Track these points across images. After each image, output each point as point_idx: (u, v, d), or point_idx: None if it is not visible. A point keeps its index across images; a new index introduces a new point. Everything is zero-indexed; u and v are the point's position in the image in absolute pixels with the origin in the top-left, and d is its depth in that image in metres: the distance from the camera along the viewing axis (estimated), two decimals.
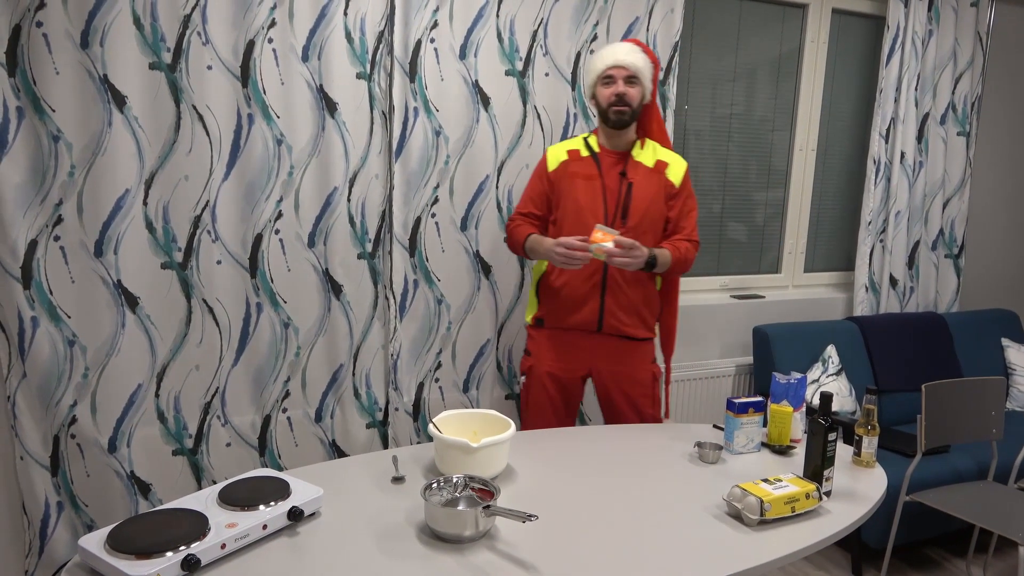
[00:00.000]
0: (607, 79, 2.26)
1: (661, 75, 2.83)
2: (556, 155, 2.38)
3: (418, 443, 2.56)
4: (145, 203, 2.21)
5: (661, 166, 2.34)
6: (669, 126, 2.87)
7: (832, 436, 1.75)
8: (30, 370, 2.12)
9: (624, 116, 2.26)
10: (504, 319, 2.76)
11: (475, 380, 2.75)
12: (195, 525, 1.41)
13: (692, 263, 2.37)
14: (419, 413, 2.67)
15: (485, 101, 2.58)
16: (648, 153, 2.35)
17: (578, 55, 2.70)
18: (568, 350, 2.38)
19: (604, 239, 2.12)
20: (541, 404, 2.40)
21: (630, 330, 2.34)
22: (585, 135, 2.40)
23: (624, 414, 2.41)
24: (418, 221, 2.56)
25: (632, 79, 2.25)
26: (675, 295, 2.50)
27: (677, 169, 2.36)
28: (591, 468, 1.87)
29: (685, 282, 3.28)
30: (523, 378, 2.45)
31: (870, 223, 3.38)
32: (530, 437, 2.07)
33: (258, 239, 2.36)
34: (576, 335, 2.36)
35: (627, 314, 2.33)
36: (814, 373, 3.07)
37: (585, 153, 2.34)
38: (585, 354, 2.37)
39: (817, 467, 1.75)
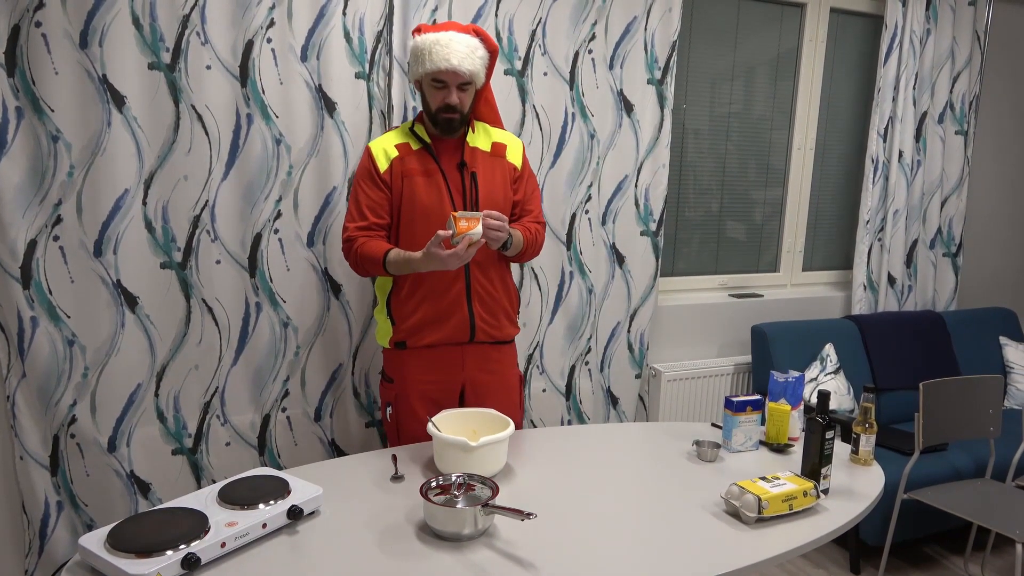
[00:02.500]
0: (438, 82, 2.00)
1: (660, 75, 2.84)
2: (384, 152, 2.09)
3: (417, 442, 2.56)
4: (144, 203, 2.21)
5: (499, 149, 2.14)
6: (667, 125, 2.88)
7: (830, 434, 1.75)
8: (30, 370, 2.12)
9: (454, 123, 2.04)
10: None
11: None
12: (195, 524, 1.42)
13: (542, 245, 2.25)
14: None
15: None
16: (481, 136, 2.14)
17: (576, 55, 2.70)
18: (440, 366, 2.12)
19: (471, 226, 1.87)
20: (416, 434, 2.13)
21: (498, 332, 2.15)
22: (408, 123, 2.15)
23: None
24: None
25: (465, 85, 2.02)
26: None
27: (515, 150, 2.17)
28: (589, 466, 1.88)
29: (683, 281, 3.28)
30: (389, 408, 2.16)
31: (868, 222, 3.38)
32: (529, 436, 2.07)
33: (257, 239, 2.36)
34: (445, 350, 2.11)
35: (494, 316, 2.14)
36: (812, 372, 3.07)
37: (416, 146, 2.09)
38: (457, 368, 2.13)
39: (815, 465, 1.76)
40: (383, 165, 2.08)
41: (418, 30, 2.08)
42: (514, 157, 2.17)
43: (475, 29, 2.05)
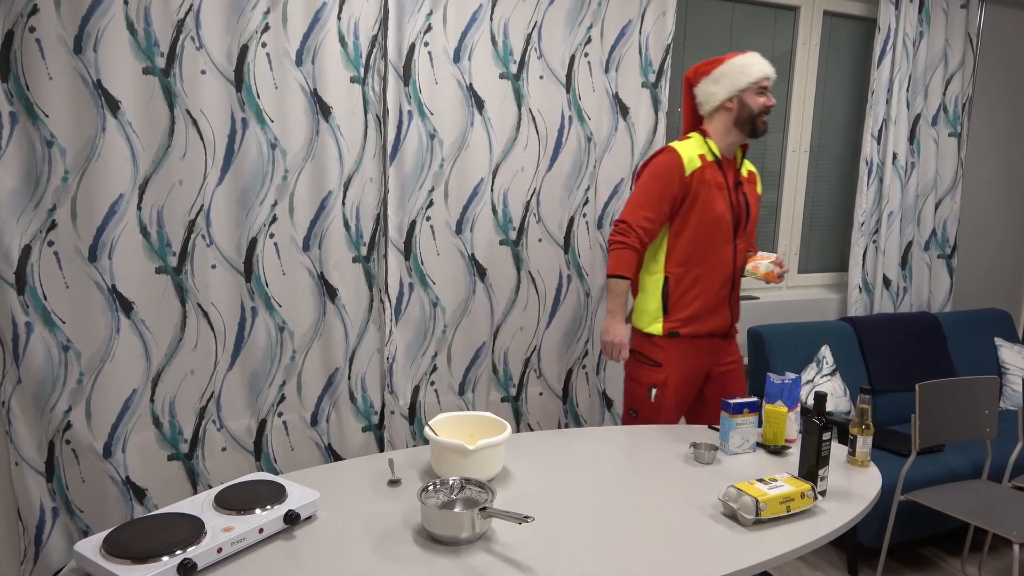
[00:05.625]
0: (763, 89, 2.31)
1: (654, 79, 2.85)
2: (690, 158, 2.31)
3: (414, 446, 2.55)
4: (139, 208, 2.21)
5: (753, 178, 2.48)
6: (660, 128, 2.88)
7: (827, 436, 1.75)
8: (24, 376, 2.11)
9: (767, 127, 2.36)
10: (500, 322, 2.77)
11: (470, 383, 2.75)
12: (191, 529, 1.41)
13: None
14: (415, 416, 2.68)
15: (479, 104, 2.59)
16: (744, 164, 2.46)
17: (572, 58, 2.71)
18: (700, 354, 2.41)
19: (768, 273, 2.34)
20: (675, 413, 2.41)
21: (733, 328, 2.50)
22: (699, 137, 2.38)
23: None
24: (413, 224, 2.56)
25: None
26: None
27: (758, 180, 2.51)
28: (587, 469, 1.88)
29: None
30: (654, 390, 2.38)
31: (863, 224, 3.39)
32: (526, 439, 2.07)
33: (253, 243, 2.36)
34: (707, 340, 2.41)
35: (738, 314, 2.49)
36: (808, 374, 3.08)
37: (712, 158, 2.35)
38: (707, 356, 2.43)
39: (812, 467, 1.76)
40: (689, 169, 2.30)
41: (710, 64, 2.36)
42: (760, 188, 2.51)
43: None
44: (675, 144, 2.34)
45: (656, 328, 2.37)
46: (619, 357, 2.35)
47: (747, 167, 2.47)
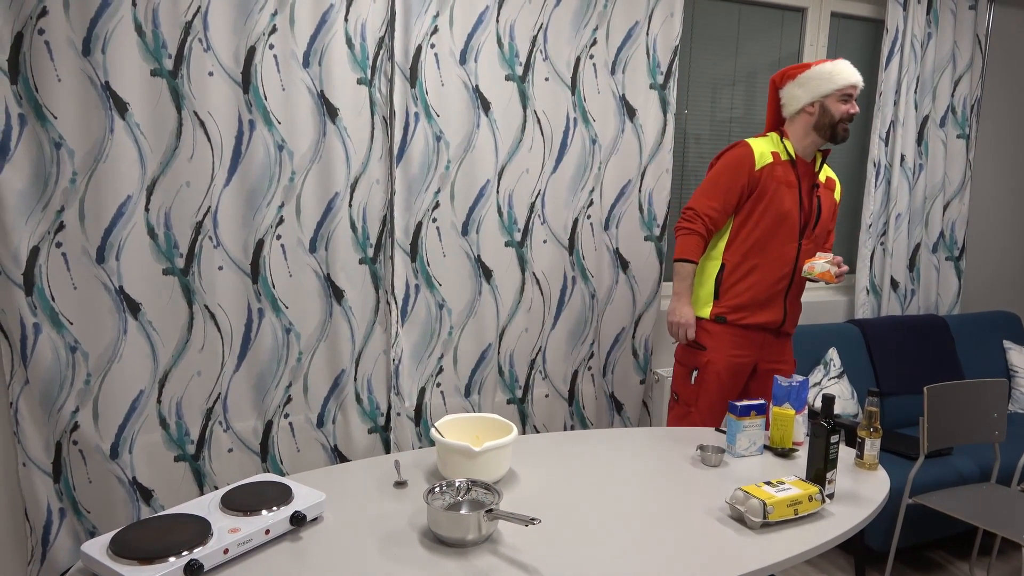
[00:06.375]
0: (847, 96, 2.35)
1: (662, 80, 2.84)
2: (762, 153, 2.39)
3: (420, 448, 2.55)
4: (147, 209, 2.22)
5: (831, 184, 2.51)
6: (669, 130, 2.88)
7: (834, 438, 1.74)
8: (32, 376, 2.12)
9: (848, 135, 2.40)
10: (506, 324, 2.76)
11: (476, 385, 2.75)
12: (198, 530, 1.41)
13: None
14: (421, 418, 2.68)
15: (485, 106, 2.59)
16: (823, 169, 2.51)
17: (578, 60, 2.71)
18: (747, 345, 2.45)
19: (824, 274, 2.31)
20: (715, 398, 2.44)
21: (791, 330, 2.53)
22: (776, 137, 2.45)
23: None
24: (419, 226, 2.56)
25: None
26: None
27: (838, 188, 2.55)
28: (593, 472, 1.87)
29: None
30: (696, 372, 2.46)
31: (871, 226, 3.38)
32: (532, 441, 2.07)
33: (259, 245, 2.37)
34: (755, 332, 2.45)
35: (795, 316, 2.51)
36: (816, 376, 3.07)
37: (785, 158, 2.41)
38: (755, 348, 2.47)
39: (820, 470, 1.75)
40: (759, 163, 2.38)
41: (797, 68, 2.41)
42: (838, 195, 2.53)
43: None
44: (750, 139, 2.43)
45: (705, 312, 2.45)
46: (685, 337, 2.44)
47: (826, 172, 2.51)
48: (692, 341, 2.46)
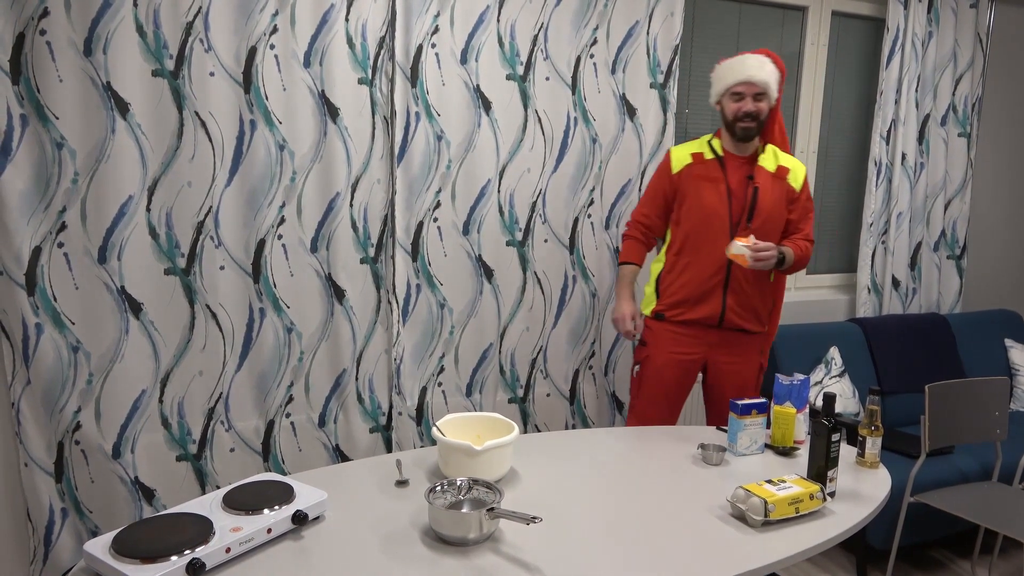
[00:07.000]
0: (736, 95, 2.33)
1: (663, 79, 2.84)
2: (680, 157, 2.46)
3: (421, 447, 2.56)
4: (148, 209, 2.22)
5: (783, 172, 2.43)
6: (669, 129, 2.88)
7: (836, 437, 1.75)
8: (34, 376, 2.12)
9: (751, 131, 2.35)
10: (507, 323, 2.76)
11: (478, 384, 2.75)
12: (200, 529, 1.41)
13: (808, 260, 2.49)
14: (422, 417, 2.68)
15: (486, 105, 2.59)
16: (770, 158, 2.43)
17: (578, 59, 2.71)
18: (686, 341, 2.46)
19: (738, 251, 2.26)
20: (656, 392, 2.49)
21: (746, 324, 2.46)
22: (708, 137, 2.47)
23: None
24: (420, 225, 2.57)
25: (760, 95, 2.32)
26: (782, 289, 2.60)
27: (797, 175, 2.45)
28: (595, 470, 1.87)
29: None
30: (637, 367, 2.54)
31: (872, 225, 3.38)
32: (533, 440, 2.07)
33: (261, 244, 2.37)
34: (695, 328, 2.46)
35: (745, 310, 2.44)
36: (817, 375, 3.07)
37: (709, 156, 2.43)
38: (702, 345, 2.47)
39: (821, 468, 1.75)
40: (676, 167, 2.45)
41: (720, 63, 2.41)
42: (795, 181, 2.44)
43: (766, 52, 2.38)
44: (676, 146, 2.52)
45: (648, 310, 2.54)
46: (626, 330, 2.48)
47: (781, 161, 2.44)
48: (634, 337, 2.53)
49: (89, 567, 1.37)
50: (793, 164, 2.46)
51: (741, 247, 2.25)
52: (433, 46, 2.48)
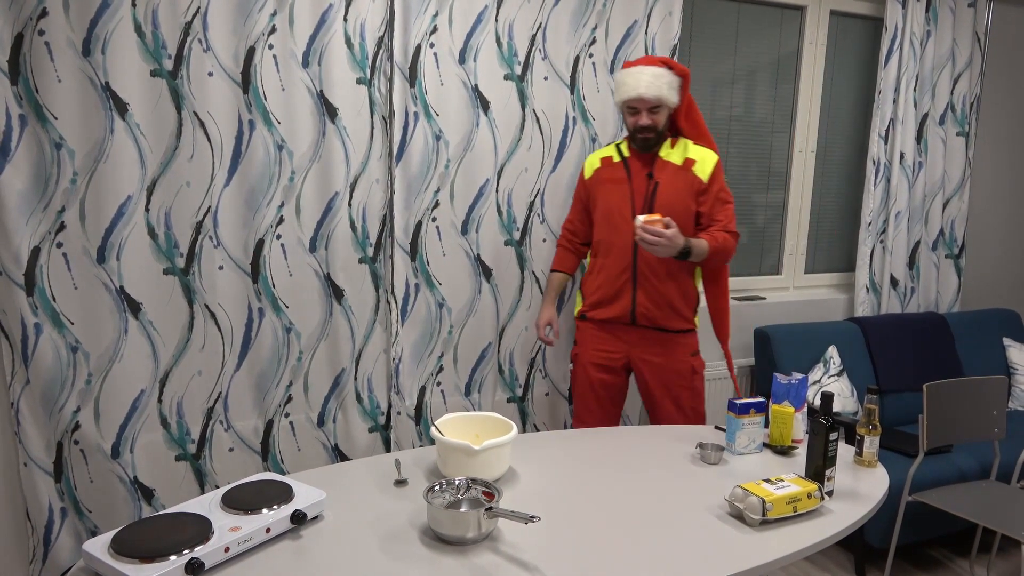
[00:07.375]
0: (632, 108, 2.38)
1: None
2: (591, 163, 2.56)
3: (420, 446, 2.55)
4: (147, 209, 2.22)
5: (689, 163, 2.42)
6: None
7: (834, 436, 1.75)
8: (33, 376, 2.12)
9: (649, 141, 2.40)
10: (505, 322, 2.77)
11: (476, 383, 2.75)
12: (199, 529, 1.42)
13: (733, 252, 2.43)
14: (421, 417, 2.68)
15: (485, 105, 2.59)
16: (678, 152, 2.44)
17: (577, 59, 2.71)
18: (607, 340, 2.52)
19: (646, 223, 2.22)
20: (584, 391, 2.57)
21: (664, 322, 2.46)
22: (619, 141, 2.53)
23: (662, 406, 2.50)
24: (419, 225, 2.57)
25: (655, 108, 2.36)
26: (723, 284, 2.56)
27: (705, 165, 2.42)
28: (593, 470, 1.87)
29: None
30: (571, 365, 2.66)
31: (870, 224, 3.38)
32: (532, 439, 2.07)
33: (260, 244, 2.37)
34: (613, 327, 2.52)
35: (658, 307, 2.44)
36: (815, 374, 3.07)
37: (617, 159, 2.49)
38: (623, 344, 2.51)
39: (819, 467, 1.76)
40: (588, 173, 2.56)
41: (624, 66, 2.43)
42: (701, 172, 2.42)
43: (663, 60, 2.38)
44: (591, 153, 2.65)
45: (576, 311, 2.63)
46: (540, 336, 2.63)
47: (688, 154, 2.42)
48: (551, 343, 2.64)
49: (88, 567, 1.37)
50: (701, 155, 2.42)
51: (639, 220, 2.22)
52: (431, 46, 2.48)
